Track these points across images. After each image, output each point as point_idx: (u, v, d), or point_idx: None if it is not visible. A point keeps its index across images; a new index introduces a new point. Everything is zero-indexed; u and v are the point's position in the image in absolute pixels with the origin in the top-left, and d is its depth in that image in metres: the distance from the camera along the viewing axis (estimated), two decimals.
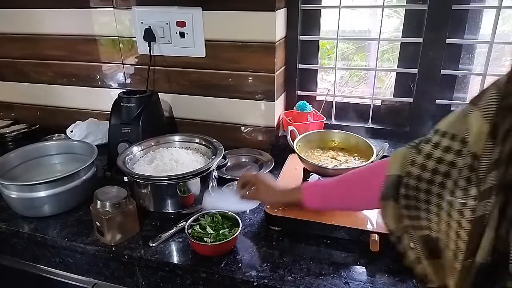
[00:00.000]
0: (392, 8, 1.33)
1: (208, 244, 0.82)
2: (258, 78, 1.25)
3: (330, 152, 1.07)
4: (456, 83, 1.25)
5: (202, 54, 1.27)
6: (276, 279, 0.77)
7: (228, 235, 0.84)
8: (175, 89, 1.37)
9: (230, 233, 0.85)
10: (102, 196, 0.87)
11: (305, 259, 0.83)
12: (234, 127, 1.36)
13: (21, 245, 1.01)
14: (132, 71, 1.41)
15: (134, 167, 1.03)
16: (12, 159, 1.08)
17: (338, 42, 1.27)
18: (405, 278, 0.77)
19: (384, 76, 1.46)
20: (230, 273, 0.79)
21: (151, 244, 0.88)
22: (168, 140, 1.15)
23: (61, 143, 1.21)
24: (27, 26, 1.45)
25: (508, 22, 1.24)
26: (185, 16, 1.23)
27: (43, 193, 0.95)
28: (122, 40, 1.37)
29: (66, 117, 1.54)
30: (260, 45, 1.20)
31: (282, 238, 0.90)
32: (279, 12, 1.17)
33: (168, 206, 0.97)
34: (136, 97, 1.20)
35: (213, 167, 1.01)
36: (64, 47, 1.45)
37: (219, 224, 0.88)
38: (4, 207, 1.02)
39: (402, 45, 1.26)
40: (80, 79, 1.49)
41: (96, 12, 1.35)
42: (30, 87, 1.57)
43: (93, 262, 0.94)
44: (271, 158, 1.25)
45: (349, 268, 0.80)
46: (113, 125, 1.19)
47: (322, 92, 1.40)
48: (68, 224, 0.97)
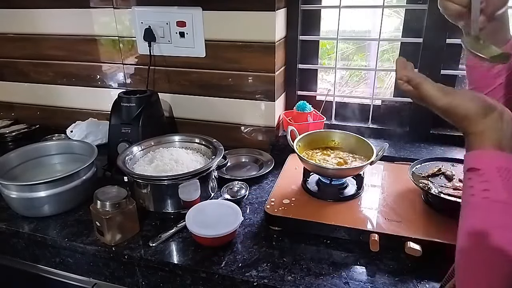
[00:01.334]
0: (392, 8, 1.33)
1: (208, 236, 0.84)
2: (258, 78, 1.25)
3: (330, 152, 1.07)
4: (456, 83, 1.25)
5: (202, 54, 1.27)
6: (276, 279, 0.77)
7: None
8: (175, 89, 1.37)
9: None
10: (102, 196, 0.87)
11: (305, 259, 0.83)
12: (234, 127, 1.36)
13: (21, 245, 1.01)
14: (132, 71, 1.41)
15: (134, 167, 1.03)
16: (12, 159, 1.08)
17: (338, 42, 1.27)
18: (405, 278, 0.77)
19: (384, 76, 1.46)
20: (230, 273, 0.79)
21: (151, 244, 0.88)
22: (168, 140, 1.15)
23: (61, 143, 1.21)
24: (27, 26, 1.45)
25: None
26: (185, 16, 1.23)
27: (43, 193, 0.95)
28: (122, 40, 1.37)
29: (66, 117, 1.54)
30: (260, 45, 1.20)
31: (282, 238, 0.90)
32: (279, 12, 1.17)
33: (168, 206, 0.97)
34: (136, 97, 1.20)
35: (213, 167, 1.01)
36: (64, 47, 1.45)
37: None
38: (4, 207, 1.02)
39: (402, 45, 1.26)
40: (80, 79, 1.49)
41: (96, 12, 1.35)
42: (30, 87, 1.57)
43: (93, 262, 0.94)
44: (271, 158, 1.25)
45: (349, 268, 0.80)
46: (113, 125, 1.19)
47: (322, 92, 1.40)
48: (68, 224, 0.97)
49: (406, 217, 0.88)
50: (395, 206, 0.93)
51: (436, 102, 0.53)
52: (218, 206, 0.94)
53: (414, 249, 0.79)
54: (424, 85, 0.54)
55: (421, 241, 0.80)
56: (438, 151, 1.20)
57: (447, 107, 0.52)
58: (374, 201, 0.96)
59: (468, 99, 0.51)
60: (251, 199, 1.06)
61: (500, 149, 0.49)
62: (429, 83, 0.54)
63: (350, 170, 0.98)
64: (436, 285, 0.74)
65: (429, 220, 0.87)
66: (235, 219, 0.88)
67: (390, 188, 1.01)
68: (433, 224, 0.86)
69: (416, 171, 1.01)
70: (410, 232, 0.83)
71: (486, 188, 0.48)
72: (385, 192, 0.99)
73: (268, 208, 0.93)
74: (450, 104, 0.52)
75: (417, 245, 0.79)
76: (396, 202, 0.95)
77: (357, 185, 1.01)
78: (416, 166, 1.02)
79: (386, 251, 0.83)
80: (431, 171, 0.99)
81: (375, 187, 1.02)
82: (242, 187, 1.08)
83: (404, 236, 0.82)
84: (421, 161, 1.04)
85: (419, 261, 0.80)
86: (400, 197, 0.97)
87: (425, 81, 0.54)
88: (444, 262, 0.79)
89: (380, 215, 0.90)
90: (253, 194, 1.08)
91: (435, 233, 0.82)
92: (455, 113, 0.52)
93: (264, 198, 1.04)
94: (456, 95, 0.52)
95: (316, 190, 1.00)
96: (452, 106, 0.52)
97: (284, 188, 1.02)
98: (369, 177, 1.06)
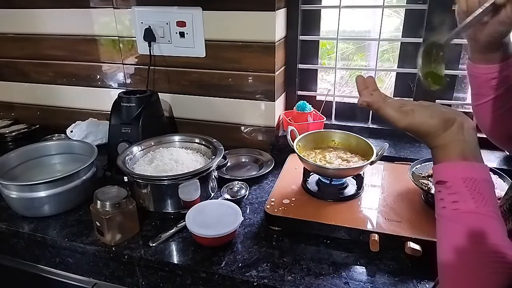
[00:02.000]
0: (392, 8, 1.33)
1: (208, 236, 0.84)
2: (258, 78, 1.25)
3: (330, 152, 1.07)
4: (456, 83, 1.25)
5: (202, 54, 1.27)
6: (276, 279, 0.77)
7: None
8: (175, 89, 1.37)
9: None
10: (102, 196, 0.87)
11: (305, 259, 0.83)
12: (234, 127, 1.36)
13: (21, 245, 1.01)
14: (132, 71, 1.41)
15: (134, 167, 1.03)
16: (12, 159, 1.08)
17: (338, 42, 1.27)
18: (405, 278, 0.77)
19: (384, 76, 1.46)
20: (230, 273, 0.79)
21: (151, 244, 0.88)
22: (168, 140, 1.15)
23: (61, 143, 1.21)
24: (27, 26, 1.45)
25: None
26: (185, 16, 1.23)
27: (43, 193, 0.95)
28: (122, 40, 1.37)
29: (66, 117, 1.54)
30: (260, 45, 1.20)
31: (282, 238, 0.90)
32: (279, 12, 1.17)
33: (168, 206, 0.97)
34: (136, 97, 1.19)
35: (213, 167, 1.01)
36: (64, 47, 1.45)
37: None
38: (4, 207, 1.02)
39: (402, 45, 1.26)
40: (80, 79, 1.49)
41: (96, 12, 1.35)
42: (30, 87, 1.57)
43: (93, 262, 0.94)
44: (271, 158, 1.25)
45: (349, 268, 0.80)
46: (113, 125, 1.19)
47: (322, 92, 1.40)
48: (68, 224, 0.97)
49: (406, 217, 0.89)
50: (395, 206, 0.93)
51: (397, 124, 0.56)
52: (218, 206, 0.94)
53: (414, 249, 0.79)
54: (384, 110, 0.57)
55: (421, 241, 0.80)
56: None
57: (408, 128, 0.55)
58: (374, 201, 0.96)
59: (427, 116, 0.53)
60: (251, 199, 1.06)
61: (464, 159, 0.50)
62: (388, 106, 0.56)
63: (350, 170, 0.98)
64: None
65: (429, 220, 0.87)
66: (235, 219, 0.88)
67: (390, 188, 1.01)
68: (433, 224, 0.85)
69: (416, 171, 1.01)
70: (410, 232, 0.83)
71: (455, 200, 0.49)
72: (385, 192, 0.99)
73: (268, 208, 0.93)
74: (411, 124, 0.55)
75: (417, 245, 0.79)
76: (396, 202, 0.95)
77: (357, 185, 1.01)
78: (416, 166, 1.02)
79: (386, 251, 0.83)
80: (431, 171, 0.99)
81: (375, 187, 1.02)
82: (242, 187, 1.08)
83: (404, 236, 0.82)
84: (421, 161, 1.04)
85: (419, 261, 0.80)
86: (400, 197, 0.97)
87: (384, 106, 0.57)
88: None
89: (380, 215, 0.90)
90: (253, 194, 1.08)
91: (435, 233, 0.81)
92: (417, 131, 0.55)
93: (264, 198, 1.04)
94: (416, 115, 0.54)
95: (316, 190, 1.00)
96: (413, 126, 0.54)
97: (284, 188, 1.02)
98: (369, 177, 1.06)
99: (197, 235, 0.85)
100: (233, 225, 0.86)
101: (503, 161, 1.13)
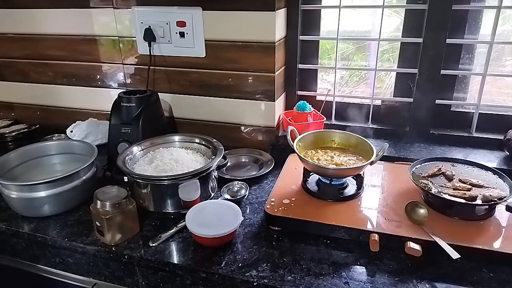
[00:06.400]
0: (392, 8, 1.33)
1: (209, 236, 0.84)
2: (258, 78, 1.25)
3: (330, 152, 1.07)
4: (456, 83, 1.25)
5: (202, 54, 1.27)
6: (276, 279, 0.77)
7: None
8: (175, 89, 1.37)
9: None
10: (102, 196, 0.87)
11: (305, 259, 0.83)
12: (234, 127, 1.36)
13: (21, 245, 1.01)
14: (132, 71, 1.41)
15: (134, 167, 1.03)
16: (12, 159, 1.08)
17: (338, 42, 1.27)
18: (405, 278, 0.77)
19: (384, 76, 1.46)
20: (230, 273, 0.79)
21: (151, 244, 0.88)
22: (168, 140, 1.15)
23: (61, 143, 1.21)
24: (27, 26, 1.45)
25: (508, 22, 1.24)
26: (185, 16, 1.23)
27: (43, 193, 0.95)
28: (122, 40, 1.37)
29: (66, 117, 1.54)
30: (260, 45, 1.20)
31: (282, 238, 0.90)
32: (279, 12, 1.17)
33: (168, 206, 0.97)
34: (136, 97, 1.20)
35: (213, 167, 1.01)
36: (64, 47, 1.45)
37: None
38: (4, 207, 1.02)
39: (402, 45, 1.26)
40: (80, 79, 1.49)
41: (96, 12, 1.35)
42: (30, 87, 1.57)
43: (93, 262, 0.94)
44: (271, 158, 1.25)
45: (349, 268, 0.80)
46: (113, 125, 1.19)
47: (322, 92, 1.40)
48: (68, 224, 0.97)
49: (406, 217, 0.88)
50: (395, 206, 0.93)
51: None
52: (218, 206, 0.94)
53: (414, 249, 0.79)
54: None
55: (421, 241, 0.80)
56: (438, 151, 1.20)
57: None
58: (374, 201, 0.96)
59: None
60: (251, 199, 1.06)
61: None
62: None
63: (350, 170, 0.98)
64: (436, 285, 0.74)
65: (429, 220, 0.87)
66: (235, 219, 0.88)
67: (390, 188, 1.01)
68: (433, 224, 0.86)
69: (416, 171, 1.01)
70: (410, 232, 0.83)
71: None
72: (385, 192, 0.99)
73: (268, 208, 0.93)
74: None
75: (417, 245, 0.79)
76: (396, 202, 0.95)
77: (357, 185, 1.01)
78: (416, 166, 1.02)
79: (386, 251, 0.83)
80: (431, 171, 0.99)
81: (375, 187, 1.02)
82: (242, 187, 1.08)
83: (404, 236, 0.82)
84: (421, 161, 1.04)
85: (419, 261, 0.80)
86: (400, 197, 0.97)
87: None
88: (444, 262, 0.79)
89: (380, 215, 0.90)
90: (253, 194, 1.08)
91: (435, 233, 0.82)
92: None
93: (264, 198, 1.04)
94: None
95: (316, 190, 1.00)
96: None
97: (284, 188, 1.02)
98: (369, 177, 1.06)
99: (197, 235, 0.85)
100: (233, 225, 0.86)
101: (503, 161, 1.13)
